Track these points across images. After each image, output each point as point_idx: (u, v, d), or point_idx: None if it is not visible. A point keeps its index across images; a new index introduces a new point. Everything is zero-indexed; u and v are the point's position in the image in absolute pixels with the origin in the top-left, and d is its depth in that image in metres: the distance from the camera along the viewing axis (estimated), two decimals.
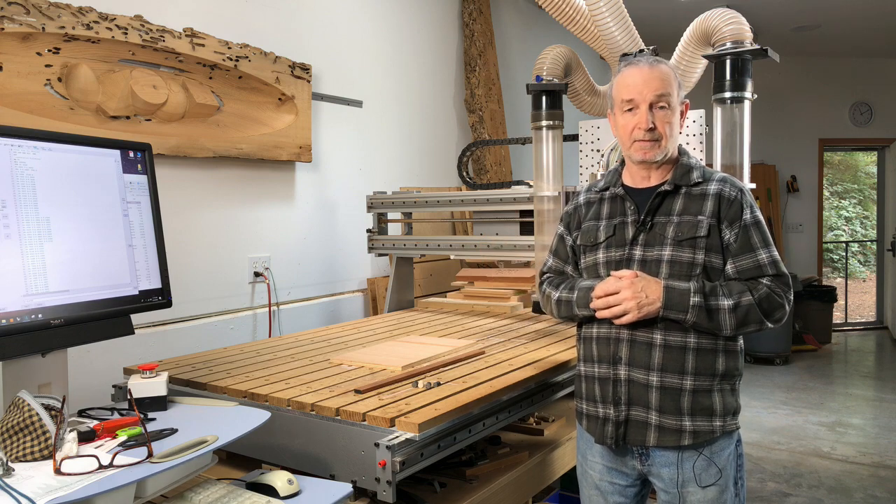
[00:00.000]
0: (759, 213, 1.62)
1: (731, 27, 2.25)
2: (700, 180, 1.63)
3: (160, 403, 1.50)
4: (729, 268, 1.59)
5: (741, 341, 1.66)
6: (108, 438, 1.28)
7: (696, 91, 2.60)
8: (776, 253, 1.60)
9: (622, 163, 1.74)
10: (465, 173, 3.63)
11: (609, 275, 1.62)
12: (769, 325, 1.57)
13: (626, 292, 1.54)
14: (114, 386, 1.91)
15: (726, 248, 1.59)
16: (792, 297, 1.59)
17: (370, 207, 3.13)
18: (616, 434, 1.62)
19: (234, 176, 2.81)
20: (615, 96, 1.66)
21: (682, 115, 1.67)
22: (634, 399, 1.60)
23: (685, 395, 1.57)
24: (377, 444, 1.43)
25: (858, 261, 12.04)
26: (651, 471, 1.63)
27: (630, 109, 1.62)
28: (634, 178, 1.69)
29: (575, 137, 2.65)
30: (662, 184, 1.63)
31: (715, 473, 1.60)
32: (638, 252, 1.62)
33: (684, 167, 1.65)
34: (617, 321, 1.58)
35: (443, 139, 4.23)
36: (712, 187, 1.62)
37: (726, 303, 1.53)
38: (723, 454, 1.61)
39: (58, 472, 1.13)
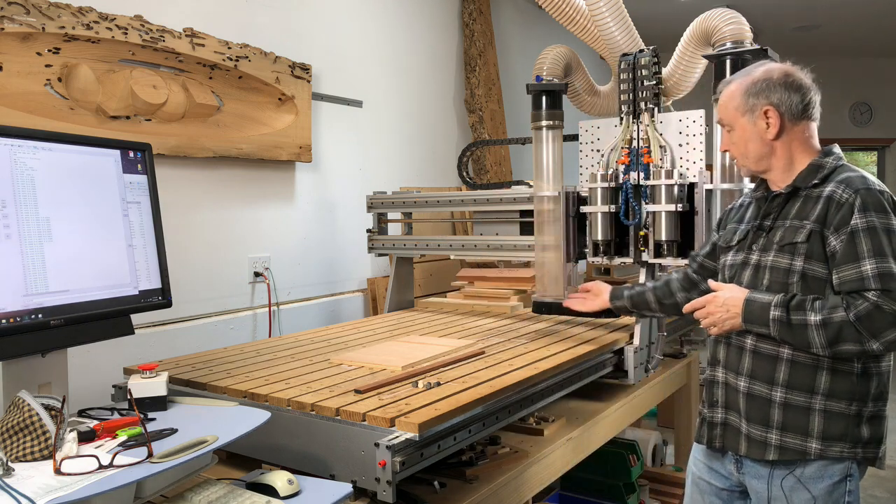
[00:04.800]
0: (878, 219, 1.42)
1: (731, 27, 2.25)
2: (818, 181, 1.53)
3: (160, 403, 1.50)
4: (833, 278, 1.45)
5: (869, 363, 1.48)
6: (108, 438, 1.28)
7: (696, 91, 2.60)
8: (893, 266, 1.39)
9: None
10: (465, 173, 3.63)
11: (728, 277, 1.66)
12: (877, 346, 1.38)
13: (710, 307, 1.57)
14: (114, 386, 1.91)
15: (831, 256, 1.46)
16: None
17: (370, 207, 3.13)
18: (711, 435, 1.64)
19: (234, 176, 2.81)
20: None
21: (766, 120, 1.57)
22: (730, 403, 1.61)
23: (774, 408, 1.52)
24: (377, 444, 1.43)
25: None
26: (745, 481, 1.60)
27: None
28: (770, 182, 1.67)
29: (575, 137, 2.65)
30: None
31: (807, 500, 1.49)
32: (754, 257, 1.60)
33: (812, 168, 1.56)
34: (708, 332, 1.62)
35: (443, 139, 4.23)
36: (827, 189, 1.50)
37: (813, 318, 1.41)
38: (820, 482, 1.49)
39: (58, 472, 1.13)
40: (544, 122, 2.52)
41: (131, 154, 1.62)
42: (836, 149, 1.61)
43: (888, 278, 1.38)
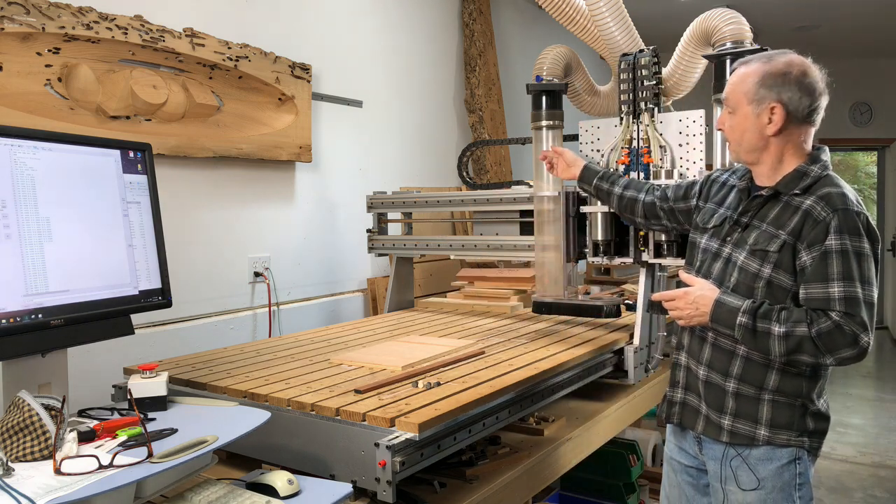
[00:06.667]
0: (851, 243, 1.46)
1: (731, 27, 2.25)
2: (799, 191, 1.54)
3: (160, 403, 1.50)
4: (801, 292, 1.50)
5: (819, 367, 1.56)
6: (108, 438, 1.28)
7: (696, 91, 2.60)
8: (858, 291, 1.45)
9: None
10: (465, 173, 3.63)
11: (701, 261, 1.69)
12: (830, 361, 1.47)
13: (680, 302, 1.61)
14: (114, 386, 1.91)
15: (800, 270, 1.50)
16: (868, 341, 1.46)
17: (370, 207, 3.13)
18: (670, 412, 1.73)
19: (234, 176, 2.81)
20: None
21: (770, 116, 1.56)
22: (690, 386, 1.70)
23: (728, 396, 1.61)
24: (377, 444, 1.43)
25: None
26: (705, 460, 1.69)
27: None
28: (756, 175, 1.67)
29: (575, 137, 2.66)
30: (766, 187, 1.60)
31: (752, 481, 1.58)
32: (726, 250, 1.64)
33: (796, 174, 1.56)
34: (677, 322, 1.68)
35: (443, 139, 4.23)
36: (806, 203, 1.52)
37: (777, 329, 1.47)
38: (767, 465, 1.57)
39: (58, 472, 1.13)
40: (544, 122, 2.52)
41: (131, 154, 1.62)
42: (825, 155, 1.62)
43: (853, 302, 1.45)
